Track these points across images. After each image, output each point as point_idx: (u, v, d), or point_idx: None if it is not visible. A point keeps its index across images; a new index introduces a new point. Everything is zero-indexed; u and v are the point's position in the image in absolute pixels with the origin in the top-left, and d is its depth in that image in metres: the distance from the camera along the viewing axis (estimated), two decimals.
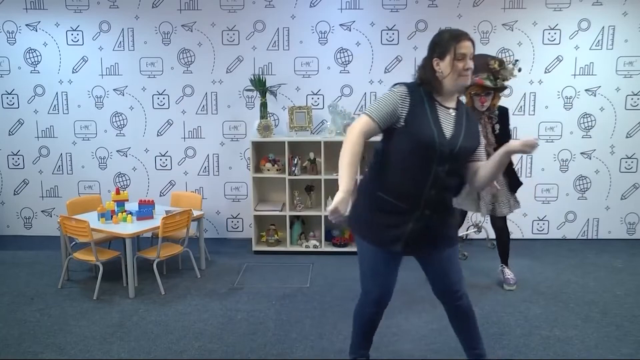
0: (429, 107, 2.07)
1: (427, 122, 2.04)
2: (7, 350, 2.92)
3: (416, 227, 2.12)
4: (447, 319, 3.26)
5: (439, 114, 2.08)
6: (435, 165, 2.04)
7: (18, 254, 4.71)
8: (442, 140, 2.03)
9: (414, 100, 2.08)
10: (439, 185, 2.08)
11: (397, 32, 4.88)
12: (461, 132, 2.08)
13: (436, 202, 2.11)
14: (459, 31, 2.08)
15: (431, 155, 2.03)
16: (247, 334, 3.11)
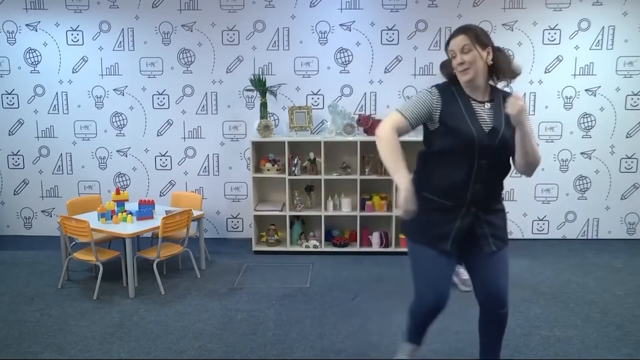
0: (462, 103, 2.05)
1: (462, 118, 2.02)
2: (7, 350, 2.92)
3: (463, 224, 2.09)
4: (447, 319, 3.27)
5: (474, 108, 2.05)
6: (476, 159, 2.01)
7: (18, 254, 4.71)
8: (481, 134, 2.00)
9: (446, 99, 2.07)
10: (482, 179, 2.04)
11: (397, 32, 4.88)
12: (501, 123, 2.03)
13: (482, 198, 2.07)
14: (455, 30, 2.09)
15: (471, 150, 2.00)
16: (247, 334, 3.11)
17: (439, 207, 2.10)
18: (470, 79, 2.03)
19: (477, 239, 2.13)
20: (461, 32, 2.04)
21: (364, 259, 4.56)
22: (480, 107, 2.06)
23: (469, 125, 2.00)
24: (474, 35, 2.03)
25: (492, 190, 2.11)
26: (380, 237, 4.72)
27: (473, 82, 2.04)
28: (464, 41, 2.02)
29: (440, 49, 4.87)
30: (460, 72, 2.04)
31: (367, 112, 4.95)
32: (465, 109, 2.04)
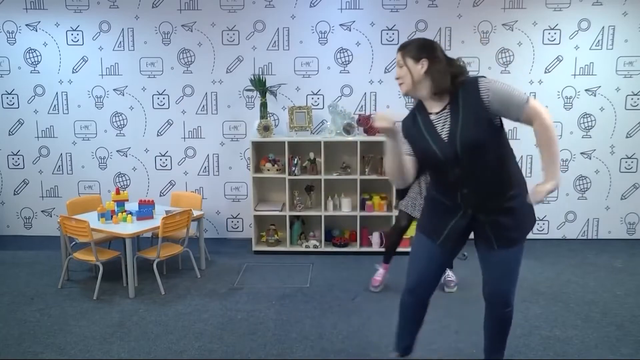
0: (422, 121, 2.13)
1: (422, 137, 2.10)
2: (7, 350, 2.92)
3: (458, 225, 2.15)
4: (447, 319, 3.28)
5: (433, 122, 2.09)
6: (449, 169, 2.06)
7: (18, 254, 4.71)
8: (443, 147, 2.04)
9: (408, 124, 2.18)
10: (468, 184, 2.07)
11: (397, 32, 4.88)
12: (457, 128, 2.02)
13: (476, 201, 2.09)
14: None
15: (441, 163, 2.06)
16: (247, 334, 3.11)
17: (442, 204, 2.18)
18: (404, 92, 2.15)
19: (481, 238, 2.19)
20: (398, 50, 2.15)
21: (364, 259, 4.56)
22: (438, 118, 2.09)
23: (429, 143, 2.07)
24: (405, 51, 2.12)
25: (487, 192, 2.09)
26: (380, 237, 4.72)
27: (413, 94, 2.14)
28: (397, 57, 2.14)
29: None
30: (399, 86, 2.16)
31: (367, 112, 4.95)
32: (424, 126, 2.11)
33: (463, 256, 4.52)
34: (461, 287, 3.86)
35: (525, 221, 2.17)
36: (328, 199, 4.76)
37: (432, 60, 2.08)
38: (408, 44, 2.14)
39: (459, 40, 4.86)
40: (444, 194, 2.17)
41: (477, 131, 2.00)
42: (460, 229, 2.15)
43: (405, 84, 2.11)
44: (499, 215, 2.10)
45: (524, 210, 2.14)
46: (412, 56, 2.09)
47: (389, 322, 3.23)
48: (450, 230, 2.17)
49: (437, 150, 2.05)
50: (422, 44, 2.13)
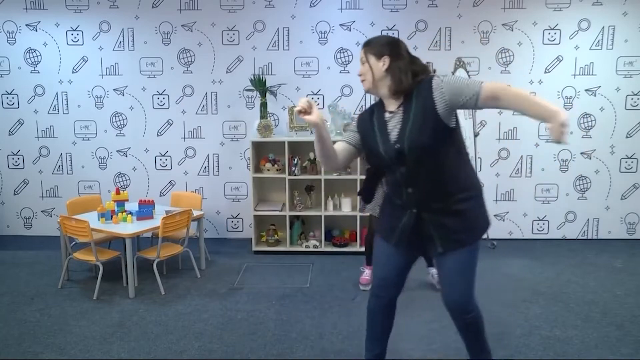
0: (376, 118, 2.13)
1: (373, 135, 2.11)
2: (7, 350, 2.92)
3: (406, 224, 2.14)
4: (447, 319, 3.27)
5: (385, 120, 2.09)
6: (396, 168, 2.06)
7: (18, 254, 4.71)
8: (387, 147, 2.04)
9: (364, 115, 2.20)
10: (413, 184, 2.06)
11: (397, 32, 4.88)
12: (406, 127, 2.00)
13: (420, 201, 2.07)
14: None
15: (386, 163, 2.08)
16: (247, 334, 3.11)
17: (394, 204, 2.19)
18: (366, 89, 2.14)
19: (428, 240, 2.13)
20: (362, 46, 2.14)
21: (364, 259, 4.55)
22: (391, 117, 2.08)
23: (376, 141, 2.08)
24: (368, 48, 2.11)
25: (433, 192, 2.05)
26: None
27: (374, 92, 2.13)
28: (361, 54, 2.13)
29: (441, 49, 4.88)
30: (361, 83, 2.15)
31: None
32: (378, 124, 2.11)
33: None
34: None
35: (475, 224, 2.11)
36: (328, 199, 4.77)
37: (394, 57, 2.05)
38: (371, 40, 2.13)
39: (459, 40, 4.86)
40: (393, 193, 2.18)
41: (424, 133, 1.96)
42: (408, 229, 2.13)
43: (366, 80, 2.10)
44: (444, 216, 2.07)
45: (475, 213, 2.10)
46: (374, 53, 2.08)
47: None
48: (401, 230, 2.15)
49: (382, 150, 2.06)
50: (385, 42, 2.11)
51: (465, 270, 2.14)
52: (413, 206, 2.10)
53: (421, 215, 2.10)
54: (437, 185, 2.04)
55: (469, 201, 2.08)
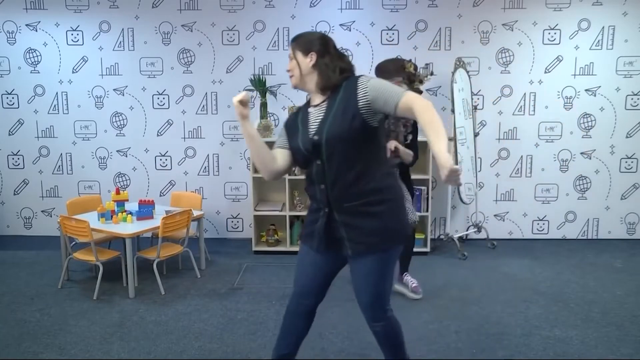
0: (301, 116, 2.14)
1: (296, 131, 2.10)
2: (7, 350, 2.92)
3: (320, 225, 2.08)
4: (447, 319, 3.28)
5: (308, 115, 2.10)
6: (313, 161, 2.03)
7: (18, 254, 4.71)
8: (305, 139, 2.04)
9: (289, 120, 2.19)
10: (323, 181, 2.01)
11: (397, 32, 4.88)
12: (327, 120, 2.00)
13: (332, 199, 2.02)
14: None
15: (303, 155, 2.06)
16: (247, 334, 3.11)
17: (312, 207, 2.16)
18: (293, 84, 2.14)
19: (337, 239, 2.08)
20: (290, 42, 2.18)
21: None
22: (315, 112, 2.08)
23: (297, 135, 2.08)
24: (295, 44, 2.15)
25: (346, 190, 2.00)
26: None
27: (302, 87, 2.13)
28: (289, 50, 2.17)
29: (441, 49, 4.88)
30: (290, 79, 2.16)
31: None
32: (301, 119, 2.12)
33: (463, 256, 4.53)
34: (461, 287, 3.86)
35: (388, 229, 2.03)
36: None
37: (321, 54, 2.07)
38: (299, 37, 2.16)
39: (459, 40, 4.86)
40: (312, 194, 2.12)
41: (343, 127, 1.95)
42: (323, 230, 2.07)
43: (294, 76, 2.11)
44: (356, 217, 2.01)
45: (389, 217, 2.03)
46: (301, 49, 2.11)
47: None
48: (318, 233, 2.09)
49: (300, 143, 2.05)
50: (312, 38, 2.13)
51: (374, 276, 2.08)
52: (325, 205, 2.05)
53: (333, 216, 2.04)
54: (350, 182, 1.98)
55: (383, 204, 2.02)
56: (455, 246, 4.65)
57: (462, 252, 4.56)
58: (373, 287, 2.11)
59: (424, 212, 4.64)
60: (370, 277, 2.09)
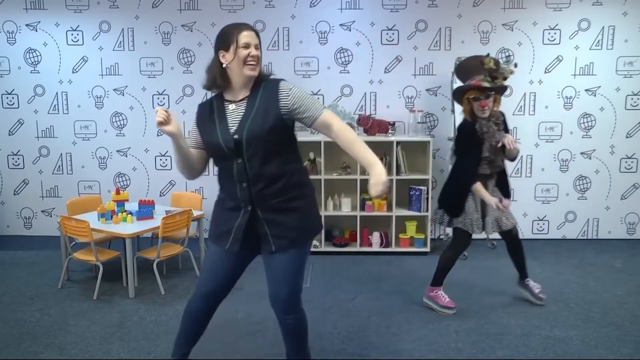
0: (217, 110, 2.12)
1: (213, 126, 2.09)
2: (7, 350, 2.92)
3: (241, 223, 2.10)
4: (447, 319, 3.28)
5: (225, 112, 2.10)
6: (233, 159, 2.05)
7: (18, 254, 4.71)
8: (226, 137, 2.04)
9: (202, 114, 2.16)
10: (245, 179, 2.05)
11: (397, 32, 4.88)
12: (248, 119, 2.03)
13: (254, 196, 2.06)
14: (241, 23, 2.09)
15: (223, 153, 2.06)
16: (247, 334, 3.11)
17: (226, 206, 2.16)
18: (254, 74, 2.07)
19: (262, 238, 2.13)
20: (253, 30, 2.07)
21: (364, 259, 4.56)
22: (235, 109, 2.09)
23: (216, 132, 2.06)
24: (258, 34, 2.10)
25: (268, 187, 2.05)
26: (380, 237, 4.72)
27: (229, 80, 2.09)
28: (256, 39, 2.07)
29: (441, 49, 4.88)
30: (249, 65, 2.04)
31: (367, 112, 4.95)
32: (218, 115, 2.10)
33: (463, 256, 4.53)
34: (461, 287, 3.86)
35: (308, 224, 2.15)
36: (328, 199, 4.76)
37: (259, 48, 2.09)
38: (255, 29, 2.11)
39: (459, 40, 4.86)
40: (227, 192, 2.14)
41: (264, 125, 2.00)
42: (243, 228, 2.10)
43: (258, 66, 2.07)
44: (278, 213, 2.08)
45: (308, 212, 2.14)
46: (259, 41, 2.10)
47: (389, 322, 3.24)
48: (236, 231, 2.11)
49: (221, 140, 2.04)
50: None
51: (295, 270, 2.16)
52: (247, 203, 2.08)
53: (256, 213, 2.09)
54: (272, 180, 2.05)
55: (302, 199, 2.11)
56: None
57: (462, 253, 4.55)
58: (292, 280, 2.17)
59: (424, 212, 4.64)
60: (290, 270, 2.15)
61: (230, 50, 2.02)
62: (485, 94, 3.13)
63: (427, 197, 4.62)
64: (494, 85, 3.15)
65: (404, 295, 3.70)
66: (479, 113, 3.16)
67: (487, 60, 3.16)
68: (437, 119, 4.96)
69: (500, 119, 3.25)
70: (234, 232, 2.12)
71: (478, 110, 3.16)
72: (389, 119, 4.77)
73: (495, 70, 3.15)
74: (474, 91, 3.14)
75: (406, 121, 4.89)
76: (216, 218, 2.22)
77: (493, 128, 3.19)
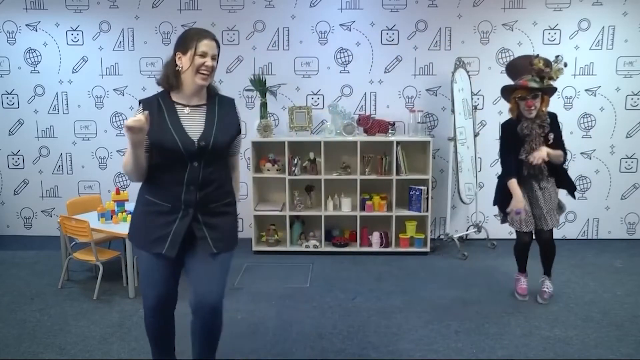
0: (167, 111, 2.14)
1: (166, 127, 2.09)
2: (7, 350, 2.92)
3: (180, 226, 2.13)
4: (447, 319, 3.28)
5: (179, 115, 2.13)
6: (188, 163, 2.09)
7: (18, 254, 4.71)
8: (185, 140, 2.07)
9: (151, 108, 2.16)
10: (196, 182, 2.11)
11: (397, 32, 4.88)
12: (213, 127, 2.12)
13: (199, 199, 2.12)
14: (205, 31, 2.12)
15: (179, 157, 2.07)
16: (247, 334, 3.11)
17: (159, 210, 2.16)
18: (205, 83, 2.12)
19: (196, 240, 2.16)
20: (215, 40, 2.11)
21: (364, 259, 4.56)
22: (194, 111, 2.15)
23: (172, 134, 2.08)
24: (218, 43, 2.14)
25: (211, 193, 2.15)
26: (380, 237, 4.72)
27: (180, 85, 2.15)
28: (215, 49, 2.11)
29: (441, 49, 4.88)
30: (200, 75, 2.08)
31: (367, 112, 4.95)
32: (169, 116, 2.13)
33: (463, 256, 4.53)
34: (461, 287, 3.86)
35: (236, 228, 2.31)
36: (328, 199, 4.76)
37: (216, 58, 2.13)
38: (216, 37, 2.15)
39: (459, 40, 4.86)
40: (166, 195, 2.14)
41: (226, 137, 2.16)
42: (182, 231, 2.12)
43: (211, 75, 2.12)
44: (217, 217, 2.18)
45: (235, 218, 2.30)
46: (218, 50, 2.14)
47: (389, 322, 3.24)
48: (174, 235, 2.12)
49: (179, 142, 2.06)
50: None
51: (226, 271, 2.26)
52: (191, 206, 2.12)
53: (196, 216, 2.14)
54: (217, 185, 2.17)
55: (234, 205, 2.29)
56: (455, 246, 4.65)
57: (462, 252, 4.56)
58: (224, 280, 2.26)
59: (424, 212, 4.64)
60: (223, 272, 2.24)
61: (188, 55, 2.06)
62: (532, 94, 3.21)
63: (427, 197, 4.62)
64: (542, 86, 3.22)
65: (404, 295, 3.70)
66: (525, 113, 3.24)
67: (536, 61, 3.22)
68: (437, 119, 4.96)
69: (546, 121, 3.30)
70: (171, 236, 2.12)
71: (524, 110, 3.24)
72: (389, 119, 4.77)
73: (543, 70, 3.21)
74: (521, 91, 3.22)
75: (406, 121, 4.89)
76: (145, 224, 2.20)
77: (535, 131, 3.29)
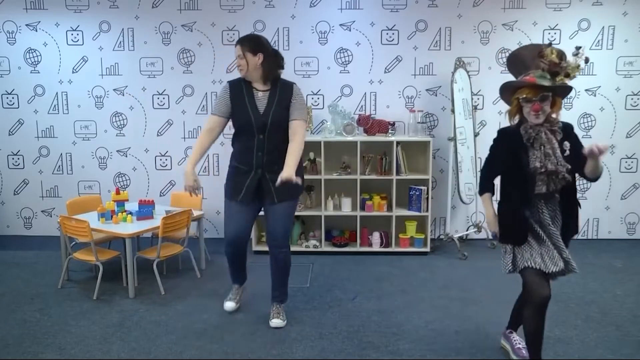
0: (246, 93, 2.96)
1: (244, 105, 2.93)
2: (7, 350, 2.92)
3: (252, 182, 2.98)
4: (447, 320, 3.28)
5: (254, 96, 2.95)
6: (256, 134, 2.92)
7: (18, 254, 4.71)
8: (257, 116, 2.91)
9: (234, 92, 2.98)
10: (264, 149, 2.94)
11: (397, 32, 4.88)
12: (271, 108, 2.92)
13: (266, 162, 2.95)
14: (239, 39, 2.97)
15: (251, 128, 2.91)
16: (247, 334, 3.11)
17: (239, 172, 3.03)
18: (242, 75, 2.98)
19: (266, 193, 3.00)
20: (237, 43, 2.93)
21: (364, 259, 4.56)
22: (262, 97, 2.96)
23: (248, 111, 2.92)
24: (244, 46, 2.90)
25: (275, 157, 2.93)
26: (380, 237, 4.72)
27: (248, 77, 2.96)
28: (238, 51, 2.91)
29: (441, 49, 4.88)
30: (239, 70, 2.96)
31: (367, 112, 4.96)
32: (248, 97, 2.94)
33: (463, 256, 4.53)
34: (462, 287, 3.86)
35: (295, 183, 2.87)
36: (328, 198, 4.76)
37: (266, 54, 2.91)
38: (245, 40, 2.93)
39: (459, 40, 4.86)
40: (242, 161, 3.00)
41: (282, 114, 2.93)
42: (253, 186, 2.98)
43: (243, 70, 2.93)
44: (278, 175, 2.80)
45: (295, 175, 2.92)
46: (250, 50, 2.89)
47: (389, 322, 3.24)
48: (247, 188, 2.98)
49: (253, 118, 2.90)
50: (258, 41, 2.94)
51: (289, 215, 3.10)
52: (259, 167, 2.96)
53: (264, 175, 2.96)
54: (278, 152, 2.92)
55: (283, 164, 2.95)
56: (455, 246, 4.65)
57: (462, 252, 4.56)
58: (287, 223, 3.10)
59: (424, 212, 4.64)
60: (285, 216, 3.07)
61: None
62: (540, 95, 2.31)
63: (427, 197, 4.62)
64: (554, 85, 2.34)
65: (404, 295, 3.71)
66: (530, 118, 2.36)
67: (547, 51, 2.36)
68: (437, 119, 4.96)
69: (558, 125, 2.39)
70: (245, 189, 2.99)
71: (529, 115, 2.35)
72: (389, 119, 4.77)
73: (557, 64, 2.35)
74: (527, 90, 2.33)
75: (406, 121, 4.89)
76: (232, 180, 3.08)
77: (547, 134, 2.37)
